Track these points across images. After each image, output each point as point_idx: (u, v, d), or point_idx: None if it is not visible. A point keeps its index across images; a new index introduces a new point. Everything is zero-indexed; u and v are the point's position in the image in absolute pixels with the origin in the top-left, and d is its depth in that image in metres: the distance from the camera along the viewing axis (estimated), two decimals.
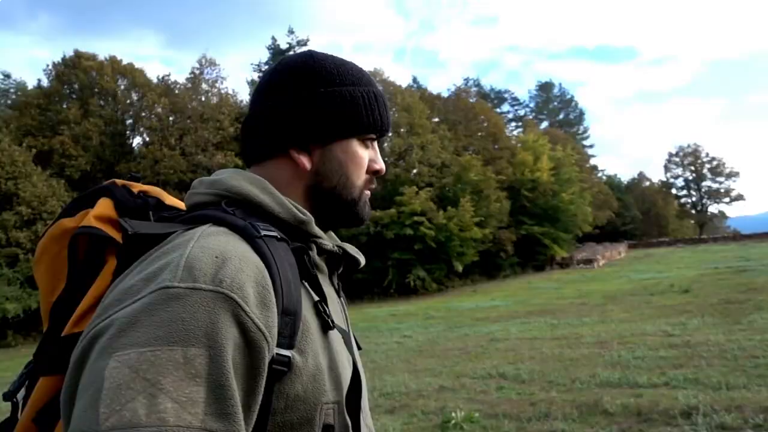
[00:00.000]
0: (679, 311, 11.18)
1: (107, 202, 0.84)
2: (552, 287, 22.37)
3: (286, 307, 0.69)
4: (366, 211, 0.91)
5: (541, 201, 33.79)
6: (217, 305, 0.62)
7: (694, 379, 5.52)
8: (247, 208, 0.78)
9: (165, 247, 0.70)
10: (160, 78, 27.85)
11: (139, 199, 0.86)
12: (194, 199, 0.84)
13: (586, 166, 47.20)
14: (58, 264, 0.82)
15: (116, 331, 0.60)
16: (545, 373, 6.82)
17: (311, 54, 0.88)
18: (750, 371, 5.63)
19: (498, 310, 16.37)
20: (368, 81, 0.89)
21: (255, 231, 0.72)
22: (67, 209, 0.88)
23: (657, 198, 54.19)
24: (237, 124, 27.35)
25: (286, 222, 0.79)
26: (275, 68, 0.89)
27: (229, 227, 0.73)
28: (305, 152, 0.84)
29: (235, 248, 0.68)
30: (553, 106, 60.44)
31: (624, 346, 8.00)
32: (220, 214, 0.76)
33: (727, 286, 14.32)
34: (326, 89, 0.84)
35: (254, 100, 0.90)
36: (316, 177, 0.85)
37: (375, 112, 0.86)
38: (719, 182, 56.50)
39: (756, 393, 4.79)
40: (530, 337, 10.35)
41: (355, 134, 0.86)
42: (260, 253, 0.70)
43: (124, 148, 26.72)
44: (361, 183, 0.88)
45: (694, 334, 8.33)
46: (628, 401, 4.95)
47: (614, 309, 13.23)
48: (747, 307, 10.53)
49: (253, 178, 0.82)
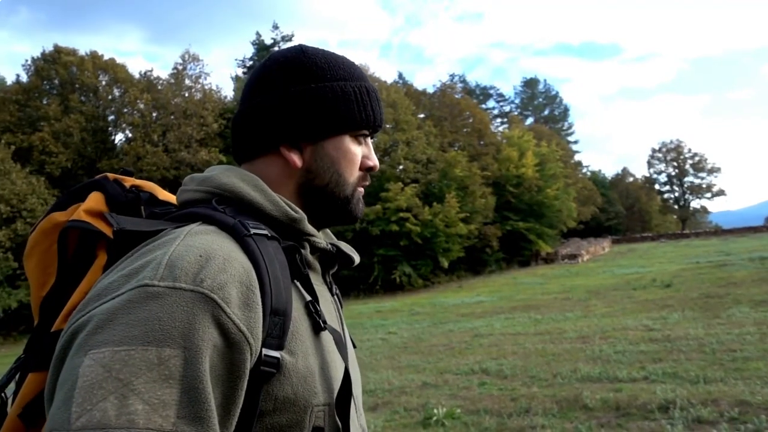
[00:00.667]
0: (661, 306, 11.32)
1: (98, 196, 0.82)
2: (537, 282, 22.52)
3: (275, 307, 0.67)
4: (360, 208, 0.89)
5: (526, 197, 34.00)
6: (196, 306, 0.60)
7: (672, 373, 5.58)
8: (238, 205, 0.77)
9: (151, 245, 0.68)
10: (142, 73, 27.53)
11: (131, 194, 0.85)
12: (185, 196, 0.82)
13: (571, 162, 47.58)
14: (48, 258, 0.80)
15: (93, 328, 0.59)
16: (527, 368, 6.86)
17: (301, 48, 0.86)
18: (727, 365, 5.71)
19: (483, 306, 16.45)
20: (360, 75, 0.87)
21: (244, 229, 0.71)
22: (58, 203, 0.86)
23: (640, 193, 54.81)
24: (221, 120, 27.13)
25: (278, 220, 0.77)
26: (264, 63, 0.87)
27: (219, 225, 0.72)
28: (296, 149, 0.82)
29: (220, 247, 0.67)
30: (538, 102, 60.78)
31: (606, 341, 8.07)
32: (210, 212, 0.74)
33: (707, 281, 14.52)
34: (317, 84, 0.82)
35: (244, 96, 0.87)
36: (308, 174, 0.83)
37: (367, 108, 0.84)
38: (701, 178, 57.35)
39: (732, 386, 4.85)
40: (514, 332, 10.41)
41: (347, 130, 0.84)
42: (248, 252, 0.69)
43: (106, 144, 26.39)
44: (354, 180, 0.86)
45: (675, 328, 8.43)
46: (608, 396, 5.00)
47: (597, 304, 13.36)
48: (726, 301, 10.68)
49: (245, 175, 0.80)
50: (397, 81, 40.66)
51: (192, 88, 27.70)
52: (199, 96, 27.40)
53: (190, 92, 27.45)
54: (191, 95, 27.19)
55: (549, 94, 61.62)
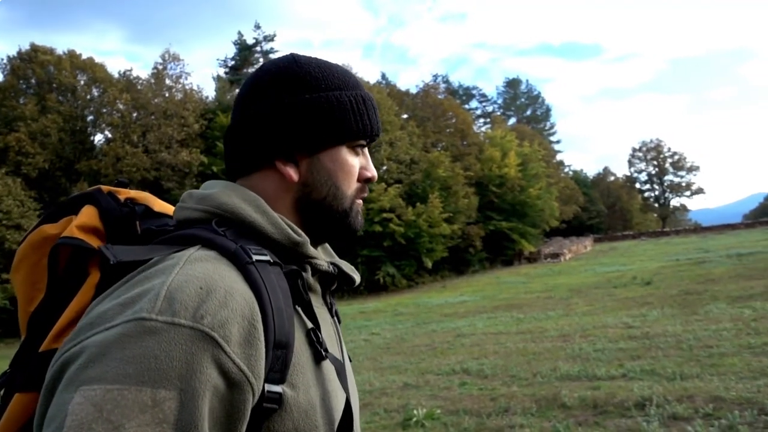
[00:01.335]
0: (640, 303, 11.44)
1: (91, 211, 0.79)
2: (520, 282, 22.66)
3: (278, 340, 0.65)
4: (359, 221, 0.85)
5: (509, 196, 34.21)
6: (195, 344, 0.57)
7: (650, 370, 5.62)
8: (239, 227, 0.73)
9: (149, 270, 0.65)
10: (121, 73, 27.17)
11: (126, 208, 0.81)
12: (183, 215, 0.78)
13: (553, 162, 47.99)
14: (37, 273, 0.77)
15: (85, 361, 0.56)
16: (508, 367, 6.88)
17: (294, 57, 0.82)
18: (704, 361, 5.77)
19: (466, 306, 16.50)
20: (355, 84, 0.83)
21: (246, 256, 0.67)
22: (49, 215, 0.83)
23: (621, 192, 55.46)
24: (202, 121, 26.88)
25: (280, 243, 0.74)
26: (256, 74, 0.83)
27: (219, 251, 0.68)
28: (292, 163, 0.79)
29: (222, 278, 0.63)
30: (521, 102, 61.20)
31: (586, 339, 8.12)
32: (210, 235, 0.70)
33: (687, 278, 14.71)
34: (311, 95, 0.78)
35: (236, 108, 0.84)
36: (305, 188, 0.80)
37: (364, 117, 0.81)
38: (680, 176, 58.22)
39: (708, 382, 4.90)
40: (496, 331, 10.44)
41: (343, 141, 0.80)
42: (250, 282, 0.65)
43: (84, 145, 25.99)
44: (352, 192, 0.83)
45: (653, 325, 8.51)
46: (586, 394, 5.01)
47: (579, 302, 13.46)
48: (704, 297, 10.83)
49: (246, 194, 0.77)
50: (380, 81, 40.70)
51: (172, 88, 27.41)
52: (179, 96, 27.12)
53: (170, 92, 27.15)
54: (172, 95, 26.90)
55: (531, 94, 62.08)
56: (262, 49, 40.10)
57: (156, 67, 27.55)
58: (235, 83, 36.18)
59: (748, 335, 6.71)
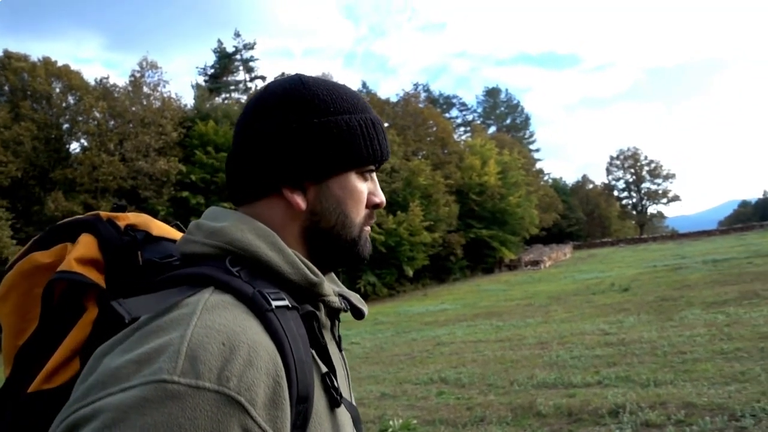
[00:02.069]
0: (618, 310, 11.53)
1: (90, 240, 0.74)
2: (500, 289, 22.75)
3: (301, 394, 0.62)
4: (367, 249, 0.82)
5: (489, 204, 34.42)
6: (221, 410, 0.53)
7: (625, 377, 5.65)
8: (253, 266, 0.69)
9: (162, 319, 0.60)
10: (98, 81, 26.78)
11: (126, 236, 0.76)
12: (190, 249, 0.72)
13: (533, 170, 48.47)
14: (27, 303, 0.72)
15: (100, 427, 0.51)
16: (485, 376, 6.86)
17: (300, 79, 0.78)
18: (677, 367, 5.81)
19: (446, 314, 16.48)
20: (363, 107, 0.80)
21: (266, 303, 0.63)
22: (40, 240, 0.78)
23: (600, 200, 56.19)
24: (181, 129, 26.61)
25: (296, 284, 0.70)
26: (260, 96, 0.79)
27: (235, 295, 0.64)
28: (299, 190, 0.75)
29: (243, 331, 0.59)
30: (500, 111, 61.80)
31: (563, 346, 8.15)
32: (225, 276, 0.66)
33: (663, 284, 14.89)
34: (320, 119, 0.75)
35: (239, 132, 0.79)
36: (313, 217, 0.76)
37: (374, 142, 0.78)
38: (657, 184, 59.19)
39: (681, 388, 4.93)
40: (475, 339, 10.44)
41: (353, 167, 0.77)
42: (271, 332, 0.62)
43: (60, 153, 25.50)
44: (361, 220, 0.80)
45: (630, 331, 8.57)
46: (561, 402, 5.01)
47: (558, 309, 13.53)
48: (680, 303, 10.95)
49: (260, 229, 0.72)
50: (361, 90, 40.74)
51: (150, 96, 27.09)
52: (157, 104, 26.81)
53: (148, 100, 26.83)
54: (149, 103, 26.58)
55: (510, 103, 62.75)
56: (242, 57, 39.97)
57: (133, 75, 27.24)
58: (215, 91, 35.97)
59: (721, 341, 6.78)
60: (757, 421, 3.90)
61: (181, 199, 25.27)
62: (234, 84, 40.10)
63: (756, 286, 11.27)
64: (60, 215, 21.96)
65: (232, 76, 40.27)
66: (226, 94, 38.65)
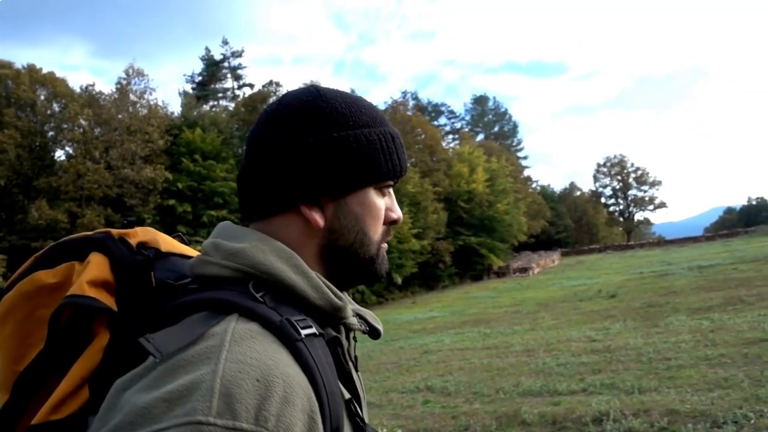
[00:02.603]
0: (604, 316, 11.56)
1: (101, 261, 0.69)
2: (489, 296, 22.77)
3: (333, 427, 0.60)
4: (384, 267, 0.80)
5: (477, 212, 34.52)
6: None
7: (610, 384, 5.64)
8: (276, 290, 0.66)
9: (188, 352, 0.56)
10: (83, 88, 26.55)
11: (139, 256, 0.72)
12: (208, 271, 0.69)
13: (521, 177, 48.70)
14: (29, 326, 0.68)
15: None
16: (471, 384, 6.83)
17: (318, 90, 0.75)
18: (662, 373, 5.81)
19: (435, 322, 16.45)
20: (382, 120, 0.77)
21: (294, 332, 0.61)
22: (42, 258, 0.73)
23: (587, 207, 56.57)
24: (167, 137, 26.45)
25: (320, 309, 0.68)
26: (276, 109, 0.75)
27: (261, 323, 0.61)
28: (317, 207, 0.72)
29: (276, 364, 0.57)
30: (488, 119, 62.12)
31: (549, 354, 8.14)
32: (249, 302, 0.62)
33: (650, 290, 14.98)
34: (339, 133, 0.71)
35: (253, 145, 0.75)
36: (330, 235, 0.73)
37: (393, 156, 0.75)
38: (644, 191, 59.68)
39: (665, 395, 4.92)
40: (462, 347, 10.41)
41: (372, 183, 0.74)
42: (303, 363, 0.59)
43: (44, 161, 25.22)
44: (379, 237, 0.77)
45: (616, 338, 8.59)
46: (546, 410, 4.99)
47: (545, 316, 13.55)
48: (665, 310, 11.01)
49: (282, 251, 0.69)
50: None
51: (137, 103, 26.91)
52: (144, 112, 26.64)
53: (134, 108, 26.65)
54: (136, 111, 26.40)
55: (498, 111, 63.12)
56: (229, 64, 39.90)
57: (120, 83, 27.05)
58: (202, 99, 35.83)
59: (706, 347, 6.81)
60: (738, 428, 3.90)
61: (167, 207, 25.07)
62: (222, 91, 40.01)
63: (740, 292, 11.36)
64: (44, 224, 21.70)
65: (220, 84, 40.18)
66: (214, 101, 38.54)
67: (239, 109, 32.95)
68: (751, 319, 8.12)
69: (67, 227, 21.86)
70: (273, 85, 33.59)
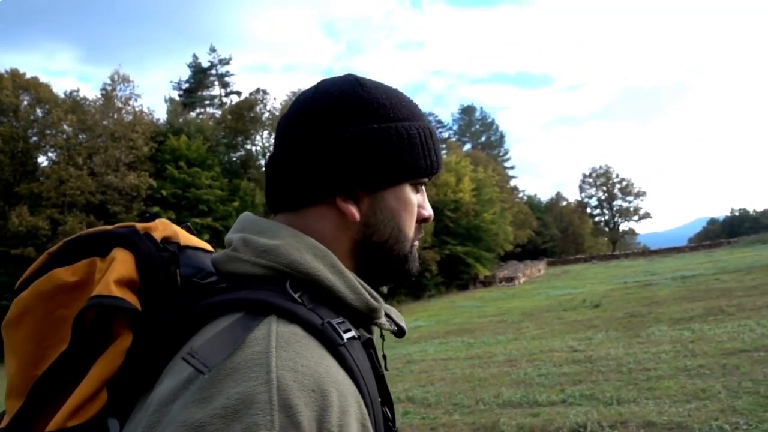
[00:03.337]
0: (587, 326, 11.58)
1: (127, 258, 0.65)
2: (474, 306, 22.75)
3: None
4: (415, 265, 0.78)
5: (464, 221, 34.58)
6: None
7: (589, 395, 5.61)
8: (312, 290, 0.64)
9: (233, 360, 0.53)
10: (67, 93, 26.32)
11: (165, 252, 0.68)
12: (239, 269, 0.66)
13: (507, 187, 48.96)
14: (47, 328, 0.64)
15: None
16: (452, 394, 6.77)
17: (358, 81, 0.73)
18: (641, 384, 5.80)
19: (419, 331, 16.37)
20: (420, 115, 0.75)
21: (337, 337, 0.59)
22: (58, 255, 0.68)
23: (573, 217, 56.98)
24: (152, 143, 26.26)
25: (356, 310, 0.66)
26: (313, 96, 0.72)
27: (303, 326, 0.58)
28: (353, 200, 0.70)
29: (327, 372, 0.55)
30: (475, 129, 62.48)
31: (531, 364, 8.11)
32: (287, 304, 0.60)
33: (633, 300, 15.05)
34: (380, 125, 0.69)
35: (288, 133, 0.72)
36: (366, 230, 0.71)
37: (431, 153, 0.73)
38: (629, 201, 60.30)
39: (643, 407, 4.90)
40: (445, 357, 10.36)
41: (410, 178, 0.72)
42: (347, 369, 0.58)
43: (26, 167, 24.94)
44: (413, 235, 0.75)
45: (597, 348, 8.59)
46: (524, 421, 4.95)
47: (529, 326, 13.55)
48: (648, 320, 11.05)
49: (317, 249, 0.66)
50: None
51: (122, 109, 26.72)
52: (129, 118, 26.44)
53: (119, 114, 26.45)
54: (120, 117, 26.20)
55: (485, 121, 63.53)
56: (217, 72, 39.81)
57: (105, 89, 26.86)
58: (189, 106, 35.66)
59: (685, 357, 6.82)
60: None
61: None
62: (209, 99, 39.89)
63: (721, 302, 11.44)
64: (24, 231, 21.38)
65: (207, 91, 40.07)
66: (201, 108, 38.38)
67: (226, 116, 32.83)
68: (731, 330, 8.17)
69: (48, 234, 21.57)
70: (260, 92, 33.52)
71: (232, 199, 27.31)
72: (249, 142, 33.36)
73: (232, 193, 27.90)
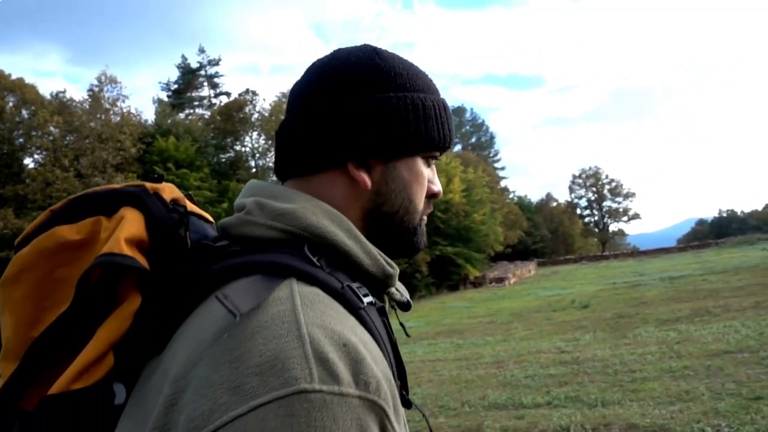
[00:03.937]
0: (575, 327, 11.61)
1: (137, 217, 0.63)
2: (464, 306, 22.76)
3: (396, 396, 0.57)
4: (423, 240, 0.78)
5: (454, 222, 34.61)
6: (367, 418, 0.49)
7: (574, 397, 5.61)
8: (329, 254, 0.63)
9: (260, 317, 0.52)
10: (53, 95, 26.06)
11: (175, 213, 0.66)
12: (253, 232, 0.64)
13: (497, 188, 49.09)
14: (46, 287, 0.61)
15: None
16: (439, 397, 6.74)
17: (375, 50, 0.73)
18: (626, 386, 5.81)
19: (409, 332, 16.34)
20: (436, 89, 0.75)
21: (358, 300, 0.58)
22: (61, 212, 0.65)
23: (563, 217, 57.24)
24: (140, 145, 26.07)
25: (373, 275, 0.65)
26: (329, 63, 0.72)
27: (324, 289, 0.57)
28: (364, 168, 0.69)
29: (353, 331, 0.54)
30: (466, 130, 62.62)
31: (518, 365, 8.11)
32: (306, 267, 0.59)
33: (621, 301, 15.12)
34: (397, 94, 0.69)
35: (300, 98, 0.72)
36: (377, 198, 0.70)
37: (445, 126, 0.73)
38: (618, 202, 60.68)
39: (627, 409, 4.91)
40: (434, 358, 10.33)
41: (423, 150, 0.72)
42: (369, 331, 0.57)
43: (11, 169, 24.65)
44: (422, 208, 0.75)
45: (584, 349, 8.60)
46: (508, 424, 4.93)
47: (518, 327, 13.57)
48: (635, 321, 11.10)
49: (332, 214, 0.66)
50: None
51: (109, 111, 26.50)
52: (116, 119, 26.23)
53: (107, 115, 26.23)
54: (108, 118, 25.99)
55: (476, 122, 63.71)
56: (206, 73, 39.56)
57: (92, 90, 26.62)
58: (178, 107, 35.43)
59: (671, 359, 6.84)
60: None
61: None
62: (198, 100, 39.64)
63: (708, 303, 11.52)
64: (9, 233, 21.12)
65: (196, 92, 39.80)
66: (190, 109, 38.15)
67: (215, 117, 32.66)
68: (716, 331, 8.21)
69: None
70: (250, 93, 33.39)
71: (221, 201, 27.16)
72: (238, 143, 33.23)
73: (221, 194, 27.74)
